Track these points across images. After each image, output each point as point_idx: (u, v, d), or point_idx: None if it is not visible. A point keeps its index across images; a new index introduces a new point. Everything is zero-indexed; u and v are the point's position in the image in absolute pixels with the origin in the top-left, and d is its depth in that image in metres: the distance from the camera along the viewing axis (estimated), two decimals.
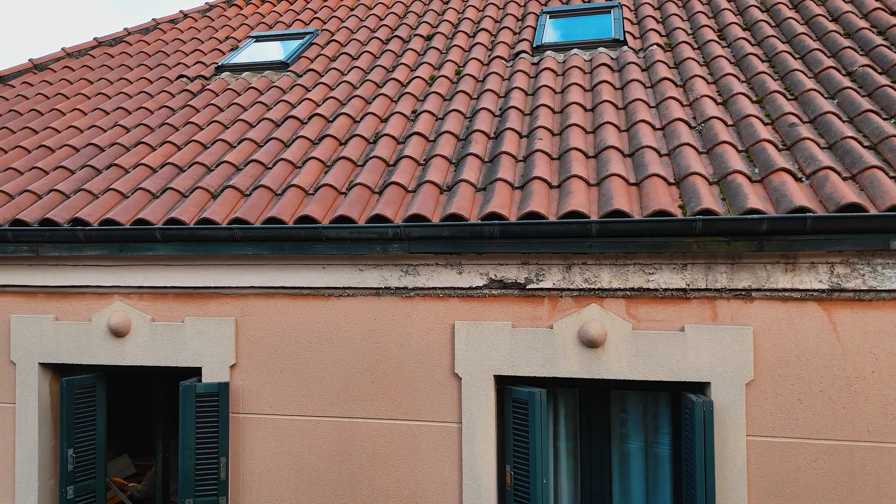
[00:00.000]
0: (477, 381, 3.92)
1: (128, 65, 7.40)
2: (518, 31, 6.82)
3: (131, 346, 4.37)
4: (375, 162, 4.58)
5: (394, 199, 4.08)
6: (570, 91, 5.22)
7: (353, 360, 4.11)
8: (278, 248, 4.04)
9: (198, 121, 5.69)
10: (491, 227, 3.67)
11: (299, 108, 5.62)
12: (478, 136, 4.71)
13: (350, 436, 4.10)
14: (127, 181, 4.75)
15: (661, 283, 3.67)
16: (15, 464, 4.51)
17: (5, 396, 4.55)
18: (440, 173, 4.31)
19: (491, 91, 5.45)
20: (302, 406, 4.17)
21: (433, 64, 6.28)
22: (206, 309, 4.31)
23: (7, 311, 4.56)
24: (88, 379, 4.45)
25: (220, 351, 4.25)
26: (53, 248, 4.31)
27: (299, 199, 4.29)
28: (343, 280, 4.09)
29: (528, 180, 4.04)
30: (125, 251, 4.23)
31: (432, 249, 3.87)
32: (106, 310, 4.40)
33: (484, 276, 3.89)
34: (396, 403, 4.05)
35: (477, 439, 3.91)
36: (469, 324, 3.93)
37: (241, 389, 4.24)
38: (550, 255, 3.78)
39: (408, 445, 4.02)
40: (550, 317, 3.85)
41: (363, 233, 3.88)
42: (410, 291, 4.03)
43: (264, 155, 4.89)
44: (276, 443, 4.19)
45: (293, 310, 4.20)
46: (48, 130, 5.89)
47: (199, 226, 4.09)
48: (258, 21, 8.43)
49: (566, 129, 4.63)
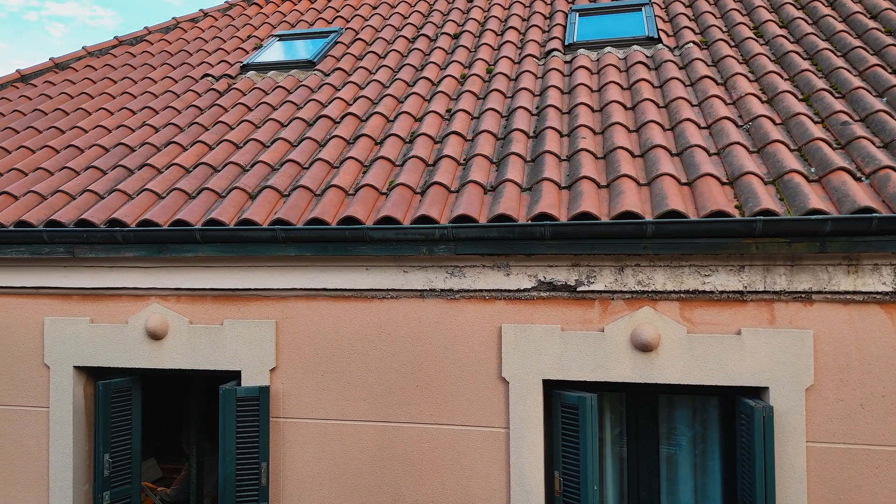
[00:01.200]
0: (525, 386, 3.83)
1: (151, 64, 7.34)
2: (547, 30, 6.74)
3: (169, 349, 4.29)
4: (414, 162, 4.50)
5: (437, 200, 4.00)
6: (608, 89, 5.14)
7: (397, 363, 4.03)
8: (321, 249, 3.97)
9: (227, 120, 5.61)
10: (541, 228, 3.59)
11: (330, 108, 5.54)
12: (517, 134, 4.63)
13: (393, 440, 4.02)
14: (161, 181, 4.68)
15: (718, 285, 3.58)
16: (49, 468, 4.44)
17: (39, 400, 4.48)
18: (482, 173, 4.22)
19: (526, 89, 5.36)
20: (344, 410, 4.09)
21: (463, 62, 6.20)
22: (245, 311, 4.24)
23: (40, 314, 4.49)
24: (124, 382, 4.38)
25: (260, 354, 4.17)
26: (90, 249, 4.24)
27: (340, 200, 4.21)
28: (386, 282, 4.01)
29: (576, 180, 3.96)
30: (163, 252, 4.16)
31: (480, 251, 3.79)
32: (143, 312, 4.33)
33: (532, 278, 3.81)
34: (441, 408, 3.97)
35: (525, 445, 3.82)
36: (517, 327, 3.85)
37: (282, 393, 4.17)
38: (602, 257, 3.69)
39: (453, 451, 3.94)
40: (601, 320, 3.77)
41: (409, 234, 3.80)
42: (456, 293, 3.94)
43: (299, 155, 4.82)
44: (318, 447, 4.11)
45: (335, 312, 4.12)
46: (75, 130, 5.82)
47: (240, 227, 4.01)
48: (280, 20, 8.36)
49: (609, 127, 4.55)
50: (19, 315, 4.51)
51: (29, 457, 4.49)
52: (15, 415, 4.51)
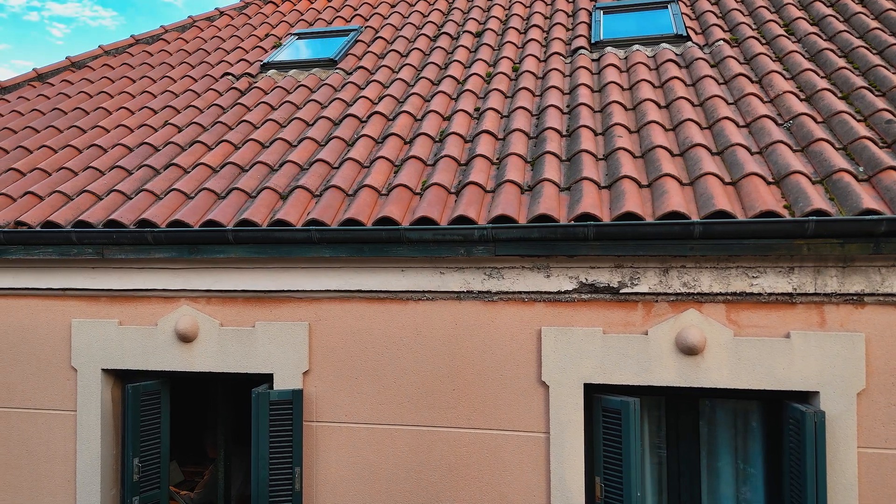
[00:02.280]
0: (566, 390, 3.75)
1: (169, 63, 7.27)
2: (571, 28, 6.66)
3: (199, 352, 4.22)
4: (447, 161, 4.42)
5: (474, 200, 3.92)
6: (639, 87, 5.05)
7: (433, 366, 3.96)
8: (357, 250, 3.89)
9: (251, 119, 5.54)
10: (585, 229, 3.51)
11: (356, 107, 5.47)
12: (550, 133, 4.55)
13: (430, 445, 3.95)
14: (189, 181, 4.60)
15: (766, 287, 3.50)
16: (76, 473, 4.37)
17: (66, 403, 4.41)
18: (518, 172, 4.14)
19: (555, 88, 5.28)
20: (379, 414, 4.02)
21: (488, 61, 6.12)
22: (277, 313, 4.16)
23: (68, 316, 4.42)
24: (153, 385, 4.31)
25: (293, 357, 4.10)
26: (119, 250, 4.17)
27: (373, 200, 4.14)
28: (423, 283, 3.94)
29: (616, 179, 3.88)
30: (194, 253, 4.09)
31: (519, 252, 3.71)
32: (172, 314, 4.26)
33: (574, 280, 3.73)
34: (479, 412, 3.89)
35: (566, 450, 3.74)
36: (557, 329, 3.77)
37: (315, 396, 4.09)
38: (646, 258, 3.61)
39: (491, 456, 3.86)
40: (644, 322, 3.69)
41: (447, 234, 3.72)
42: (494, 295, 3.87)
43: (328, 154, 4.74)
44: (352, 452, 4.04)
45: (369, 314, 4.04)
46: (97, 129, 5.76)
47: (274, 227, 3.94)
48: (297, 18, 8.29)
49: (645, 126, 4.47)
50: (46, 317, 4.44)
51: (55, 461, 4.42)
52: (41, 418, 4.45)
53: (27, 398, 4.47)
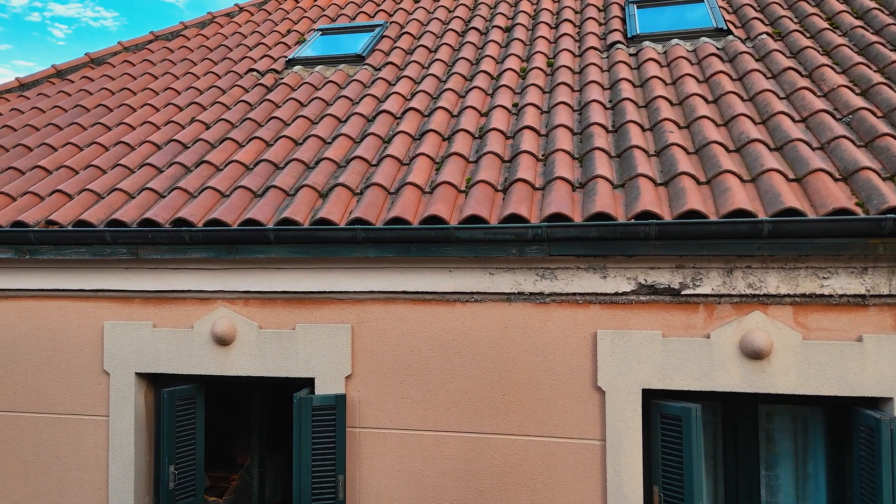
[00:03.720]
0: (623, 395, 3.60)
1: (191, 59, 7.13)
2: (604, 22, 6.50)
3: (237, 355, 4.08)
4: (490, 158, 4.28)
5: (524, 198, 3.77)
6: (684, 82, 4.90)
7: (482, 370, 3.81)
8: (404, 250, 3.75)
9: (281, 116, 5.40)
10: (646, 228, 3.36)
11: (389, 103, 5.32)
12: (596, 129, 4.40)
13: (478, 452, 3.80)
14: (223, 179, 4.46)
15: (837, 288, 3.34)
16: (108, 480, 4.24)
17: (98, 408, 4.28)
18: (567, 169, 3.99)
19: (595, 83, 5.13)
20: (424, 420, 3.87)
21: (521, 56, 5.97)
22: (318, 315, 4.02)
23: (100, 318, 4.28)
24: (189, 390, 4.17)
25: (335, 360, 3.95)
26: (155, 250, 4.04)
27: (417, 198, 3.99)
28: (471, 285, 3.79)
29: (673, 176, 3.72)
30: (233, 254, 3.95)
31: (575, 252, 3.56)
32: (209, 316, 4.11)
33: (632, 281, 3.58)
34: (530, 418, 3.74)
35: (623, 458, 3.59)
36: (614, 332, 3.62)
37: (358, 402, 3.95)
38: (710, 258, 3.46)
39: (544, 464, 3.72)
40: (706, 325, 3.53)
41: (499, 234, 3.58)
42: (546, 297, 3.72)
43: (366, 151, 4.60)
44: (397, 459, 3.89)
45: (415, 316, 3.90)
46: (122, 126, 5.62)
47: (317, 226, 3.80)
48: (318, 14, 8.14)
49: (695, 121, 4.32)
50: (77, 319, 4.31)
51: (87, 468, 4.29)
52: (72, 424, 4.31)
53: (57, 403, 4.33)
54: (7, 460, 4.39)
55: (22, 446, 4.37)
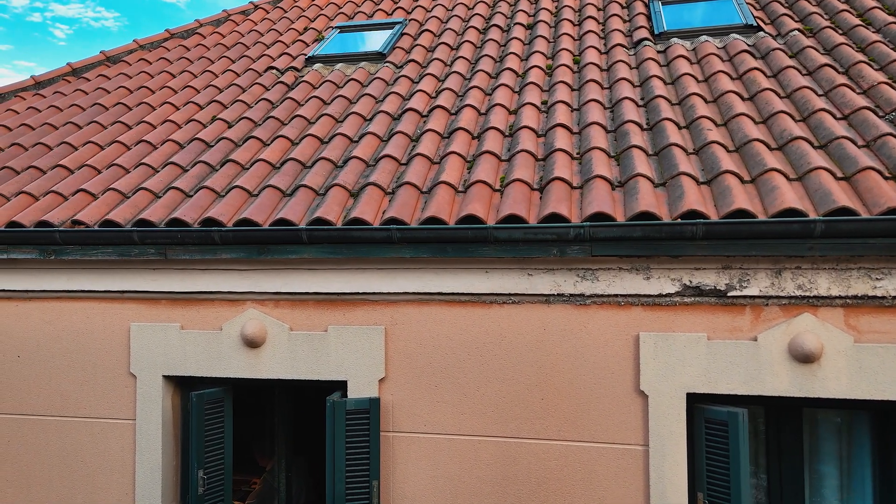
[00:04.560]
0: (666, 400, 3.51)
1: (208, 57, 7.05)
2: (628, 19, 6.41)
3: (267, 358, 3.99)
4: (524, 156, 4.18)
5: (562, 196, 3.68)
6: (717, 79, 4.81)
7: (519, 374, 3.72)
8: (440, 250, 3.66)
9: (305, 114, 5.32)
10: (693, 228, 3.27)
11: (414, 101, 5.23)
12: (631, 126, 4.31)
13: (516, 458, 3.71)
14: (250, 178, 4.38)
15: (891, 289, 3.25)
16: (135, 486, 4.15)
17: (124, 412, 4.19)
18: (605, 167, 3.90)
19: (625, 80, 5.04)
20: (460, 424, 3.79)
21: (546, 53, 5.88)
22: (350, 317, 3.93)
23: (126, 319, 4.20)
24: (218, 393, 4.09)
25: (369, 363, 3.87)
26: (183, 250, 3.95)
27: (451, 197, 3.91)
28: (509, 286, 3.70)
29: (717, 175, 3.63)
30: (264, 254, 3.86)
31: (618, 252, 3.47)
32: (238, 318, 4.03)
33: (676, 282, 3.49)
34: (570, 423, 3.65)
35: (667, 464, 3.50)
36: (657, 335, 3.53)
37: (392, 405, 3.86)
38: (758, 259, 3.37)
39: (584, 470, 3.63)
40: (753, 328, 3.44)
41: (539, 233, 3.49)
42: (587, 299, 3.63)
43: (394, 150, 4.51)
44: (432, 465, 3.81)
45: (450, 318, 3.81)
46: (143, 125, 5.54)
47: (351, 226, 3.71)
48: (335, 11, 8.06)
49: (732, 119, 4.23)
50: (102, 321, 4.22)
51: (112, 472, 4.20)
52: (97, 427, 4.23)
53: (82, 406, 4.25)
54: (31, 465, 4.31)
55: (46, 450, 4.29)
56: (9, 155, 5.27)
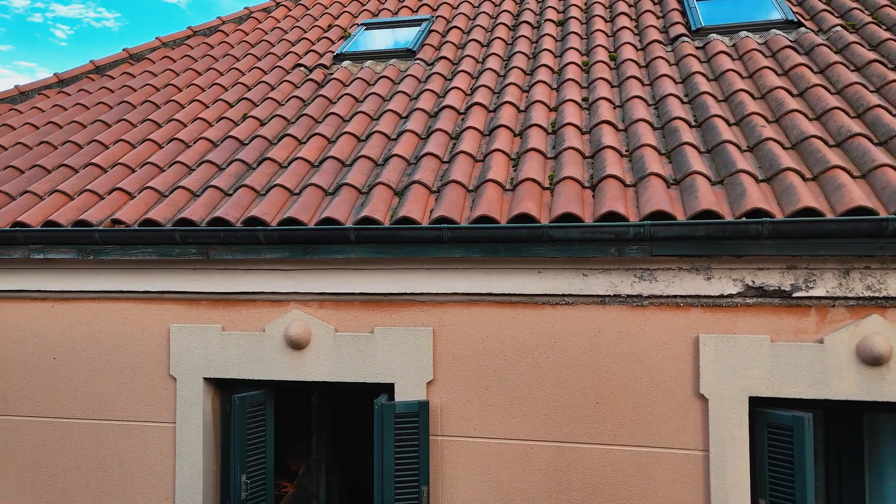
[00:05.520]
0: (728, 403, 3.41)
1: (233, 54, 6.96)
2: (662, 15, 6.31)
3: (311, 360, 3.90)
4: (571, 154, 4.09)
5: (617, 195, 3.59)
6: (763, 75, 4.71)
7: (573, 376, 3.63)
8: (491, 250, 3.57)
9: (338, 111, 5.23)
10: (758, 226, 3.17)
11: (451, 98, 5.13)
12: (679, 124, 4.21)
13: (570, 463, 3.62)
14: (290, 177, 4.29)
15: None
16: (175, 490, 4.07)
17: (164, 415, 4.11)
18: (658, 165, 3.80)
19: (666, 76, 4.94)
20: (511, 428, 3.69)
21: (580, 49, 5.78)
22: (397, 318, 3.84)
23: (165, 321, 4.11)
24: (260, 396, 4.00)
25: (416, 365, 3.78)
26: (226, 250, 3.87)
27: (499, 196, 3.81)
28: (562, 286, 3.61)
29: (777, 172, 3.54)
30: (309, 254, 3.77)
31: (678, 252, 3.38)
32: (282, 319, 3.94)
33: (738, 283, 3.39)
34: (626, 427, 3.56)
35: (728, 470, 3.40)
36: (718, 337, 3.43)
37: (440, 409, 3.77)
38: (825, 259, 3.27)
39: (641, 475, 3.53)
40: (818, 329, 3.34)
41: (596, 233, 3.39)
42: (644, 300, 3.53)
43: (435, 147, 4.41)
44: (482, 470, 3.71)
45: (500, 319, 3.72)
46: (173, 123, 5.45)
47: (399, 225, 3.62)
48: (358, 9, 7.97)
49: (785, 115, 4.13)
50: (141, 322, 4.14)
51: (151, 477, 4.12)
52: (136, 430, 4.14)
53: (120, 409, 4.17)
54: (67, 469, 4.23)
55: (82, 455, 4.21)
56: (38, 153, 5.19)
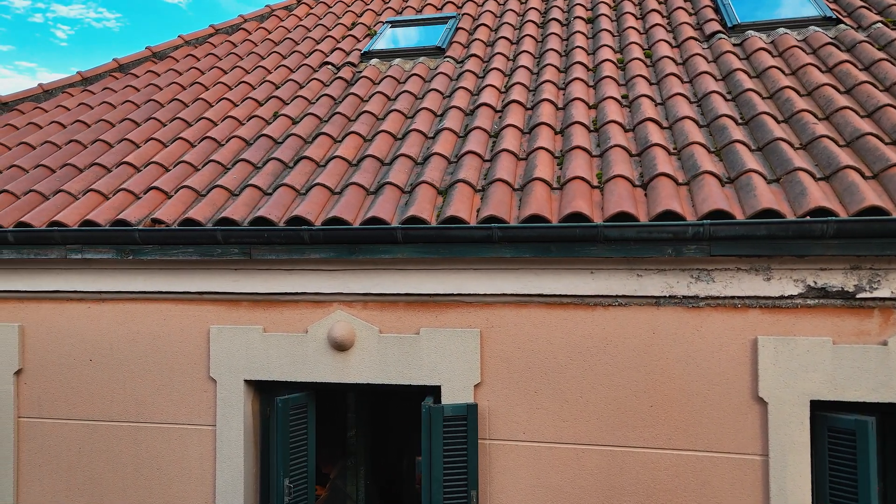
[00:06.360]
0: (788, 407, 3.33)
1: (257, 52, 6.89)
2: (694, 12, 6.23)
3: (355, 362, 3.83)
4: (618, 152, 4.01)
5: (671, 193, 3.51)
6: (807, 72, 4.63)
7: (626, 379, 3.55)
8: (543, 250, 3.49)
9: (371, 110, 5.15)
10: (822, 226, 3.09)
11: (485, 96, 5.06)
12: (726, 121, 4.13)
13: (623, 467, 3.54)
14: (330, 175, 4.22)
15: None
16: (215, 495, 4.00)
17: (203, 418, 4.04)
18: (710, 163, 3.72)
19: (707, 73, 4.86)
20: (562, 432, 3.62)
21: (613, 47, 5.70)
22: (443, 319, 3.77)
23: (205, 322, 4.05)
24: (302, 398, 3.93)
25: (464, 367, 3.70)
26: (269, 250, 3.80)
27: (547, 194, 3.74)
28: (615, 287, 3.53)
29: (837, 170, 3.45)
30: (355, 254, 3.70)
31: (738, 252, 3.30)
32: (325, 320, 3.87)
33: (800, 284, 3.31)
34: (681, 431, 3.48)
35: (788, 475, 3.32)
36: (777, 339, 3.35)
37: (488, 412, 3.70)
38: (890, 259, 3.19)
39: (696, 480, 3.45)
40: (882, 331, 3.26)
41: (654, 232, 3.32)
42: (700, 301, 3.45)
43: (475, 145, 4.34)
44: (531, 474, 3.64)
45: (550, 321, 3.64)
46: (203, 121, 5.38)
47: (448, 225, 3.55)
48: (381, 7, 7.90)
49: (836, 112, 4.05)
50: (180, 323, 4.07)
51: (190, 481, 4.05)
52: (174, 434, 4.08)
53: (158, 412, 4.10)
54: (104, 473, 4.16)
55: (120, 458, 4.14)
56: (68, 152, 5.13)
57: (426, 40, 6.46)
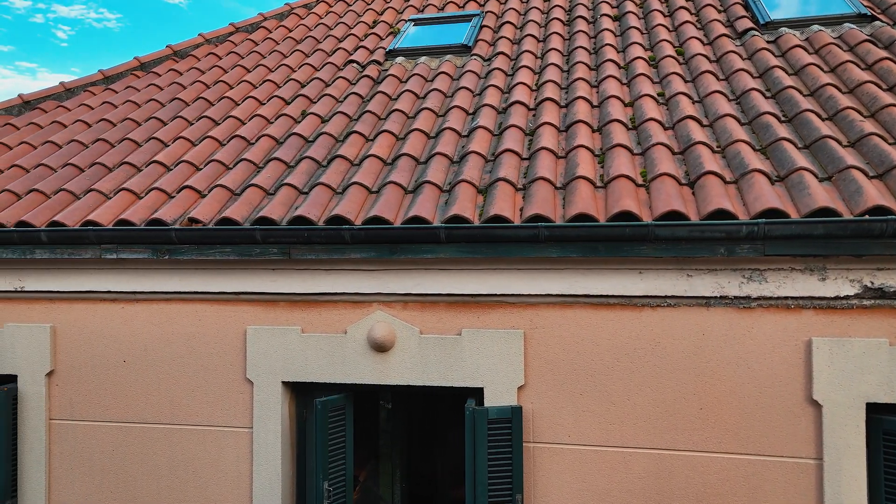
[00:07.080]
0: (843, 410, 3.26)
1: (280, 51, 6.84)
2: (723, 9, 6.16)
3: (395, 363, 3.77)
4: (660, 150, 3.95)
5: (720, 192, 3.44)
6: (846, 69, 4.56)
7: (674, 382, 3.48)
8: (590, 250, 3.43)
9: (401, 108, 5.09)
10: (882, 224, 3.03)
11: (517, 94, 4.99)
12: (769, 119, 4.07)
13: (671, 471, 3.47)
14: (366, 175, 4.16)
15: None
16: (252, 497, 3.94)
17: (240, 420, 3.99)
18: (758, 161, 3.65)
19: (743, 70, 4.79)
20: (608, 435, 3.55)
21: (643, 44, 5.64)
22: (485, 320, 3.71)
23: (242, 323, 3.99)
24: (340, 400, 3.87)
25: (507, 369, 3.64)
26: (309, 250, 3.74)
27: (591, 193, 3.67)
28: (665, 287, 3.46)
29: (891, 168, 3.38)
30: (396, 254, 3.64)
31: (792, 251, 3.23)
32: (365, 320, 3.81)
33: (856, 284, 3.24)
34: (732, 434, 3.41)
35: (843, 479, 3.25)
36: (832, 340, 3.28)
37: (532, 414, 3.64)
38: None
39: (748, 485, 3.38)
40: None
41: (706, 231, 3.25)
42: (752, 301, 3.38)
43: (512, 143, 4.27)
44: (577, 478, 3.58)
45: (596, 322, 3.58)
46: (230, 120, 5.33)
47: (492, 224, 3.49)
48: (402, 5, 7.84)
49: (882, 109, 3.98)
50: (216, 324, 4.02)
51: (226, 484, 4.00)
52: (210, 436, 4.02)
53: (193, 414, 4.05)
54: (137, 476, 4.11)
55: (154, 461, 4.09)
56: (96, 151, 5.08)
57: (451, 38, 6.39)
